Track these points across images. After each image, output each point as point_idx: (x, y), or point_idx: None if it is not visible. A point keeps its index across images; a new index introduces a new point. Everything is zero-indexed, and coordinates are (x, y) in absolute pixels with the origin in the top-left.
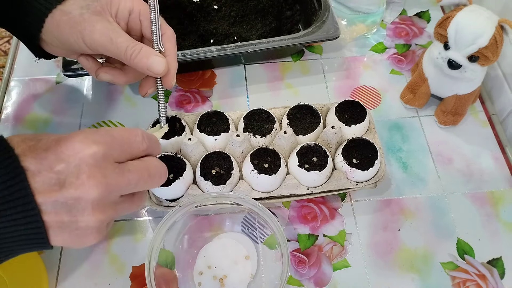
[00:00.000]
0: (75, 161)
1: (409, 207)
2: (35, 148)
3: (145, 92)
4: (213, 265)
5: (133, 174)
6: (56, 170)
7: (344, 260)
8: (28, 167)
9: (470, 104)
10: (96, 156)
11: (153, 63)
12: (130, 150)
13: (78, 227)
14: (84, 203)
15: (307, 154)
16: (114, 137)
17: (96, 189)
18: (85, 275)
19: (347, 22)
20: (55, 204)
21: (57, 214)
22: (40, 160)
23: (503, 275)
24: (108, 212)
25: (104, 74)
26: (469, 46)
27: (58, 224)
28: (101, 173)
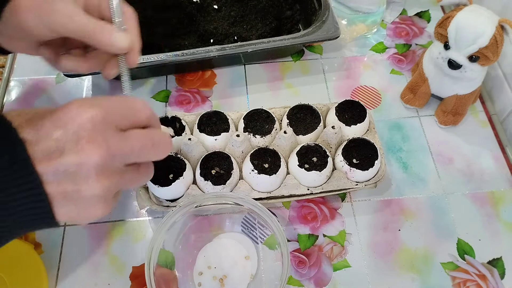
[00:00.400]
0: (73, 127)
1: (409, 207)
2: (32, 119)
3: (108, 72)
4: (213, 265)
5: (136, 141)
6: (54, 137)
7: (344, 260)
8: (25, 138)
9: (470, 104)
10: (94, 120)
11: (117, 38)
12: (132, 115)
13: (83, 196)
14: (86, 169)
15: (307, 154)
16: (113, 101)
17: (98, 152)
18: (85, 275)
19: (347, 22)
20: (57, 173)
21: (60, 183)
22: (37, 130)
23: (503, 275)
24: (114, 179)
25: (66, 61)
26: (470, 46)
27: (62, 195)
28: (101, 137)
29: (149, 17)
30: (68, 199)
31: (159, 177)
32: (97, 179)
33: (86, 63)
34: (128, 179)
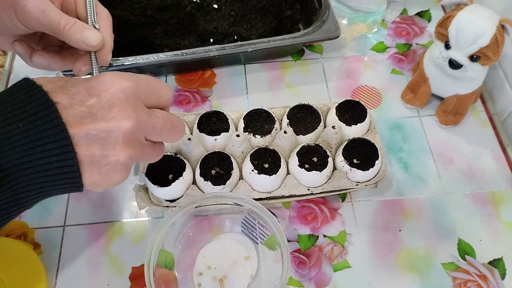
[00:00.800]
0: (106, 96)
1: (410, 207)
2: (64, 86)
3: (79, 69)
4: (213, 266)
5: (159, 120)
6: (88, 104)
7: (344, 260)
8: (60, 101)
9: (471, 104)
10: (127, 92)
11: (88, 35)
12: (157, 94)
13: (108, 162)
14: (115, 136)
15: (308, 154)
16: (141, 79)
17: (128, 121)
18: (84, 275)
19: (347, 21)
20: (87, 136)
21: (89, 147)
22: (71, 95)
23: (504, 276)
24: (136, 149)
25: (38, 57)
26: (470, 45)
27: (89, 159)
28: (131, 108)
29: (149, 17)
30: (94, 163)
31: (158, 177)
32: (124, 147)
33: (59, 60)
34: (146, 153)
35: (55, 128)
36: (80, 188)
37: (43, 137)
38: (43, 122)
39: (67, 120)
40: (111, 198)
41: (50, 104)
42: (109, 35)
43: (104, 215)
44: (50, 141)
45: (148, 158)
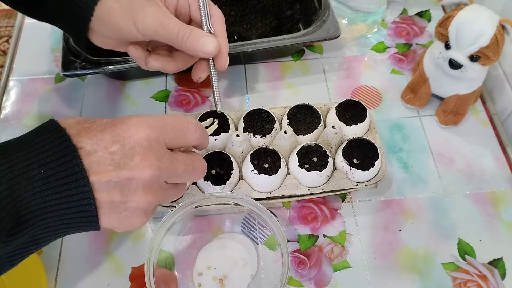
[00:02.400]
0: (130, 143)
1: (410, 207)
2: (90, 129)
3: (198, 76)
4: (213, 266)
5: (181, 164)
6: (111, 151)
7: (344, 260)
8: (84, 146)
9: (471, 104)
10: (150, 139)
11: (205, 43)
12: (183, 137)
13: (127, 208)
14: (136, 183)
15: (308, 154)
16: (168, 123)
17: (149, 170)
18: (84, 275)
19: (347, 21)
20: (109, 183)
21: (110, 193)
22: (96, 141)
23: (504, 276)
24: (157, 195)
25: (153, 61)
26: (470, 45)
27: (108, 204)
28: (154, 156)
29: None
30: (113, 209)
31: None
32: (144, 194)
33: (173, 63)
34: (168, 195)
35: (75, 175)
36: (98, 229)
37: (63, 183)
38: (65, 169)
39: (90, 166)
40: None
41: (73, 150)
42: (224, 38)
43: None
44: (70, 187)
45: (171, 199)
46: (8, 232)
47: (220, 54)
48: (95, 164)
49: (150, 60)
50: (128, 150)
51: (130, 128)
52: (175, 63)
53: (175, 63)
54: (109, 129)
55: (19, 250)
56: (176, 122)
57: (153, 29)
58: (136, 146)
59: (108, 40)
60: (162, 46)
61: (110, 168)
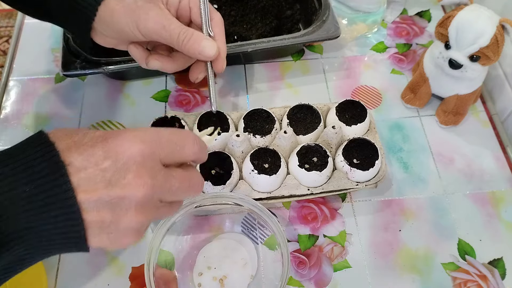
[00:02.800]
0: (122, 159)
1: (410, 207)
2: (80, 143)
3: (195, 77)
4: (213, 266)
5: (176, 181)
6: (103, 167)
7: (344, 260)
8: (73, 162)
9: (471, 104)
10: (144, 154)
11: (205, 47)
12: (180, 152)
13: (118, 228)
14: (128, 202)
15: (308, 154)
16: (162, 136)
17: (142, 189)
18: (84, 275)
19: (347, 21)
20: (98, 202)
21: (99, 213)
22: (86, 157)
23: (504, 276)
24: (149, 215)
25: (154, 61)
26: (470, 45)
27: (98, 224)
28: (147, 173)
29: None
30: (103, 229)
31: None
32: (136, 214)
33: (172, 63)
34: (161, 213)
35: (63, 194)
36: (86, 250)
37: (50, 202)
38: (52, 187)
39: (79, 183)
40: None
41: (61, 166)
42: (223, 42)
43: None
44: (57, 207)
45: (163, 218)
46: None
47: (219, 57)
48: (84, 182)
49: (150, 59)
50: (120, 166)
51: (123, 143)
52: (175, 63)
53: (174, 63)
54: (101, 143)
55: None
56: (171, 136)
57: (155, 31)
58: (129, 162)
59: (110, 39)
60: (161, 46)
61: (100, 186)
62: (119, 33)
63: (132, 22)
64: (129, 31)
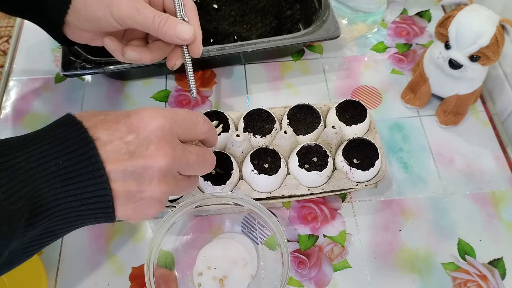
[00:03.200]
0: (144, 133)
1: (410, 207)
2: (105, 121)
3: (173, 63)
4: (213, 266)
5: (193, 155)
6: (127, 140)
7: (344, 260)
8: (100, 137)
9: (471, 104)
10: (164, 129)
11: (181, 30)
12: (193, 130)
13: (143, 197)
14: (151, 172)
15: (308, 154)
16: (179, 115)
17: (164, 159)
18: (84, 275)
19: (347, 21)
20: (124, 173)
21: (126, 183)
22: (112, 132)
23: (504, 276)
24: (171, 185)
25: (130, 52)
26: (470, 45)
27: (124, 194)
28: (168, 145)
29: None
30: (129, 198)
31: None
32: (159, 183)
33: (149, 54)
34: (181, 187)
35: (92, 166)
36: (113, 220)
37: (80, 174)
38: (81, 160)
39: (106, 156)
40: None
41: (89, 141)
42: (198, 26)
43: None
44: (87, 178)
45: (184, 191)
46: (24, 223)
47: (195, 41)
48: (111, 154)
49: (127, 50)
50: (143, 139)
51: (144, 118)
52: (152, 53)
53: (151, 53)
54: (124, 120)
55: (34, 241)
56: (186, 115)
57: (129, 15)
58: (150, 135)
59: (83, 33)
60: (137, 39)
61: (125, 157)
62: (94, 23)
63: (105, 9)
64: (103, 18)
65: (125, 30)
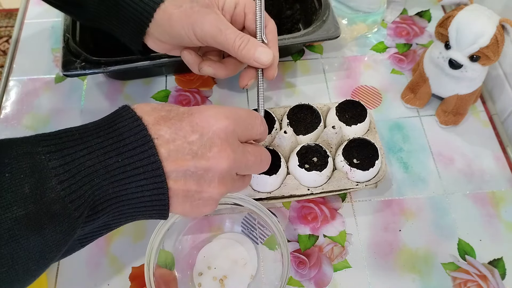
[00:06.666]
0: (208, 134)
1: (410, 207)
2: (168, 118)
3: (245, 83)
4: (213, 266)
5: (251, 156)
6: (190, 140)
7: (344, 260)
8: (163, 135)
9: (471, 104)
10: (227, 131)
11: (261, 54)
12: (251, 130)
13: (201, 197)
14: (212, 174)
15: (308, 154)
16: (240, 115)
17: (226, 162)
18: (84, 275)
19: (347, 21)
20: (186, 173)
21: (186, 183)
22: (175, 130)
23: (504, 276)
24: (228, 186)
25: (207, 67)
26: (470, 45)
27: (183, 193)
28: (230, 147)
29: None
30: (188, 198)
31: None
32: (218, 185)
33: (224, 70)
34: (236, 187)
35: (151, 165)
36: (166, 218)
37: (139, 173)
38: (141, 158)
39: (169, 154)
40: None
41: (149, 140)
42: (277, 50)
43: None
44: (146, 177)
45: (238, 190)
46: (84, 219)
47: (271, 65)
48: (173, 153)
49: (203, 66)
50: (206, 140)
51: (209, 119)
52: (226, 69)
53: (226, 69)
54: (188, 118)
55: (91, 233)
56: (247, 116)
57: (211, 34)
58: (214, 137)
59: (163, 45)
60: (212, 52)
61: (188, 158)
62: (175, 37)
63: (188, 26)
64: (185, 35)
65: None
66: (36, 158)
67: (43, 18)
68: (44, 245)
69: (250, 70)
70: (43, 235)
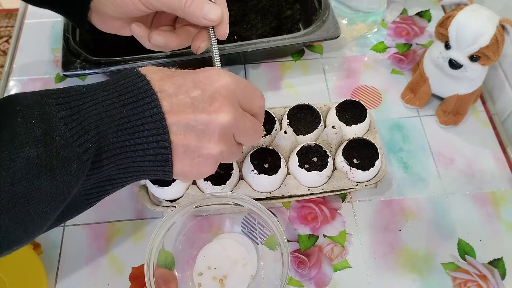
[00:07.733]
0: (210, 90)
1: (410, 207)
2: (172, 76)
3: (198, 45)
4: (213, 266)
5: (249, 122)
6: (192, 95)
7: (344, 260)
8: (166, 89)
9: (471, 104)
10: (229, 89)
11: (209, 10)
12: (251, 100)
13: (201, 154)
14: (212, 129)
15: (308, 154)
16: (242, 81)
17: (226, 117)
18: (84, 275)
19: (347, 21)
20: (187, 126)
21: (186, 136)
22: (178, 86)
23: (504, 276)
24: (228, 145)
25: (157, 36)
26: (470, 45)
27: (183, 148)
28: (231, 105)
29: None
30: (188, 153)
31: None
32: (218, 141)
33: (176, 39)
34: (232, 152)
35: (154, 116)
36: (170, 175)
37: (143, 123)
38: (144, 110)
39: (171, 108)
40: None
41: (152, 93)
42: (225, 7)
43: (104, 215)
44: (149, 128)
45: (230, 158)
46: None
47: (222, 23)
48: (175, 106)
49: (153, 35)
50: (208, 96)
51: (212, 76)
52: (178, 38)
53: (178, 39)
54: (190, 76)
55: (95, 188)
56: (247, 84)
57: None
58: (215, 93)
59: (111, 21)
60: (164, 26)
61: (189, 111)
62: (120, 7)
63: None
64: (130, 3)
65: (153, 18)
66: (46, 108)
67: (43, 18)
68: (55, 187)
69: (201, 32)
70: (54, 175)
